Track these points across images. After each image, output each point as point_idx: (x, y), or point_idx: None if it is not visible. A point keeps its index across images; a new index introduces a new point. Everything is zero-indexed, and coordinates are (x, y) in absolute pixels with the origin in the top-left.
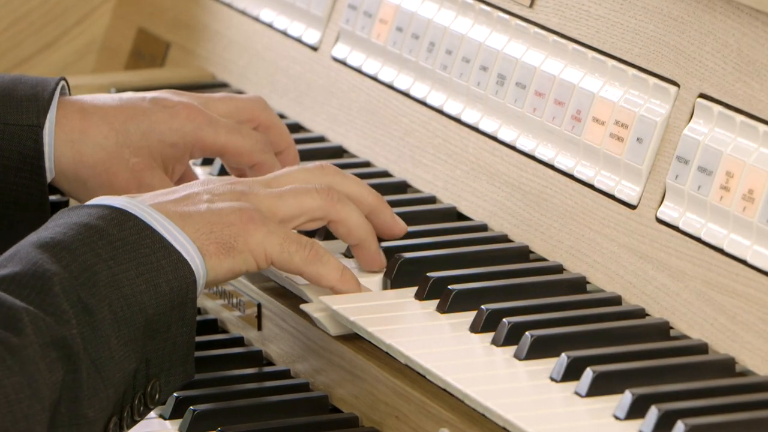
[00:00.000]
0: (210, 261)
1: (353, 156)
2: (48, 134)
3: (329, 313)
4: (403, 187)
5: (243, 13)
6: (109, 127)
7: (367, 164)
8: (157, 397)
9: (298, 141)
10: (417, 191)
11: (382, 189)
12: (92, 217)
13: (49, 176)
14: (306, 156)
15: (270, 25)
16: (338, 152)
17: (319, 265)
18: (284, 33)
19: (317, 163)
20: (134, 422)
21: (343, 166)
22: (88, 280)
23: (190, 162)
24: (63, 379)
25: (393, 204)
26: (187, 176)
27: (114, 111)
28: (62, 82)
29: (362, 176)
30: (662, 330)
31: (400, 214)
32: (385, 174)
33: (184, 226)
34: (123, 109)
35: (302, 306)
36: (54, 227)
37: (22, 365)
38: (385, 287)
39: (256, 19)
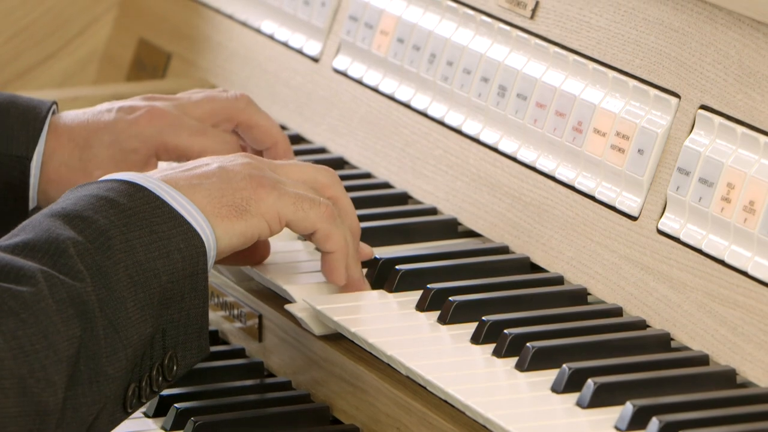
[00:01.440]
0: (222, 224)
1: (354, 167)
2: (35, 166)
3: (311, 313)
4: (404, 198)
5: (244, 24)
6: (74, 145)
7: (368, 175)
8: (174, 369)
9: (298, 152)
10: (418, 202)
11: (383, 200)
12: (101, 189)
13: (32, 204)
14: None
15: (271, 37)
16: (339, 163)
17: (332, 225)
18: (285, 44)
19: (324, 167)
20: (153, 393)
21: (343, 177)
22: (102, 244)
23: None
24: (81, 336)
25: (394, 215)
26: None
27: (79, 128)
28: (53, 107)
29: (363, 188)
30: (663, 341)
31: (400, 226)
32: (386, 185)
33: (193, 196)
34: (87, 125)
35: (286, 306)
36: (64, 201)
37: (37, 318)
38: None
39: (258, 31)
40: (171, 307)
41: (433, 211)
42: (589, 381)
